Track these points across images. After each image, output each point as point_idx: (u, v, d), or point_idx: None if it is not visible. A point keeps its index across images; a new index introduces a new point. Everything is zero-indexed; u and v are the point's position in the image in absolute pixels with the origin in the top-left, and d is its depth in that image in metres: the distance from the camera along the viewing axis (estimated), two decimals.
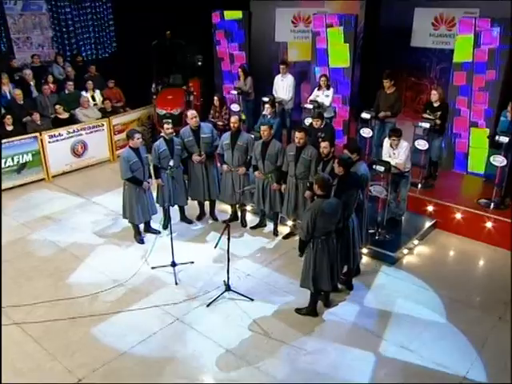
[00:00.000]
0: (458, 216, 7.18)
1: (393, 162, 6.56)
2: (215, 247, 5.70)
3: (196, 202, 7.73)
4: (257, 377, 4.79)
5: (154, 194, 7.23)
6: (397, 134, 6.61)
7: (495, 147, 6.98)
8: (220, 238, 5.67)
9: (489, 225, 6.93)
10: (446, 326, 5.49)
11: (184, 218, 7.72)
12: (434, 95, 7.57)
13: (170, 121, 7.19)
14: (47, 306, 5.81)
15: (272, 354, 5.07)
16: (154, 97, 11.14)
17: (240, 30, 11.30)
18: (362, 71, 10.45)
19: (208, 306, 5.78)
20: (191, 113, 7.16)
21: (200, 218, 7.77)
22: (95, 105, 10.47)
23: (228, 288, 5.94)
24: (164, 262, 6.51)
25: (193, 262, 6.61)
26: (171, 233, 6.30)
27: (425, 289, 6.09)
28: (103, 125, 9.88)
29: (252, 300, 5.86)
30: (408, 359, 5.00)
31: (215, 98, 8.78)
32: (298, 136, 6.52)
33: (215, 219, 7.78)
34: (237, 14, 11.14)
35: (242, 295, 5.90)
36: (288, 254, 6.85)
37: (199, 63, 10.69)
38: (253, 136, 7.35)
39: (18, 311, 5.70)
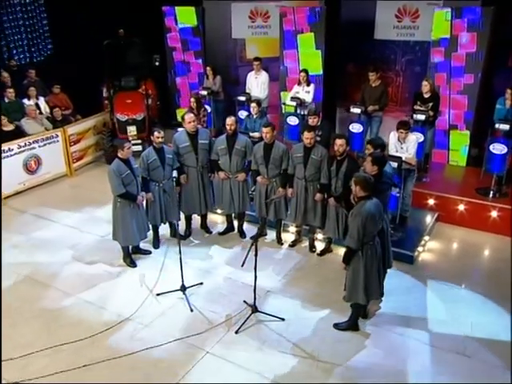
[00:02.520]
0: (461, 207, 7.08)
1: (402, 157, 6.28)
2: (242, 265, 5.07)
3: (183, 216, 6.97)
4: None
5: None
6: (406, 127, 6.32)
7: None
8: (247, 254, 5.06)
9: (494, 214, 6.88)
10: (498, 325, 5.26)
11: (176, 235, 6.93)
12: (426, 86, 7.42)
13: (160, 130, 6.33)
14: (46, 355, 4.86)
15: (330, 380, 4.55)
16: (107, 102, 10.16)
17: (195, 37, 10.71)
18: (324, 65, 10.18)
19: (237, 332, 5.13)
20: (189, 116, 6.39)
21: (187, 235, 7.02)
22: (40, 113, 9.26)
23: (255, 309, 5.33)
24: (168, 287, 5.76)
25: (202, 283, 5.91)
26: (180, 252, 5.55)
27: (457, 288, 5.86)
28: (57, 135, 8.75)
29: (283, 320, 5.30)
30: (467, 364, 4.71)
31: (191, 99, 8.03)
32: (309, 136, 6.03)
33: (209, 232, 7.09)
34: (191, 20, 10.53)
35: (272, 315, 5.32)
36: (301, 263, 6.38)
37: (156, 63, 9.84)
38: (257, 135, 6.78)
39: (9, 367, 4.68)
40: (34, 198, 8.25)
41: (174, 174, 6.49)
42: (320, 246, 6.68)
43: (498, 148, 6.87)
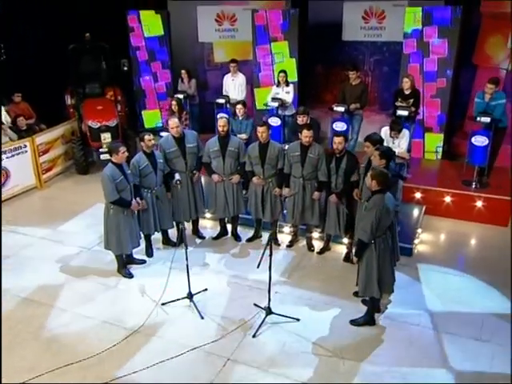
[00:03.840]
0: (448, 199, 7.27)
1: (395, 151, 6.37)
2: (258, 267, 4.91)
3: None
4: None
5: None
6: (399, 127, 6.42)
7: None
8: (262, 255, 4.91)
9: (478, 204, 7.12)
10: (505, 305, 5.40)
11: (168, 242, 6.67)
12: (406, 83, 7.56)
13: (150, 133, 6.06)
14: (53, 377, 4.49)
15: (358, 376, 4.49)
16: (72, 110, 9.70)
17: (162, 47, 10.50)
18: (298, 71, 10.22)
19: (254, 336, 4.97)
20: (173, 121, 6.14)
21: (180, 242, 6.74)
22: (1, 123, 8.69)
23: (269, 311, 5.19)
24: (171, 295, 5.52)
25: (206, 289, 5.70)
26: (187, 259, 5.31)
27: (458, 276, 5.99)
28: (26, 146, 8.21)
29: (298, 320, 5.19)
30: (486, 349, 4.79)
31: (173, 102, 7.79)
32: (308, 134, 5.98)
33: (202, 237, 6.87)
34: (157, 29, 10.31)
35: (287, 316, 5.19)
36: (303, 262, 6.31)
37: (125, 68, 9.50)
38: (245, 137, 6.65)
39: None
40: (5, 213, 7.66)
41: None
42: (318, 244, 6.64)
43: (479, 140, 7.12)
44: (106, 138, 8.57)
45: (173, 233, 6.69)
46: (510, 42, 8.74)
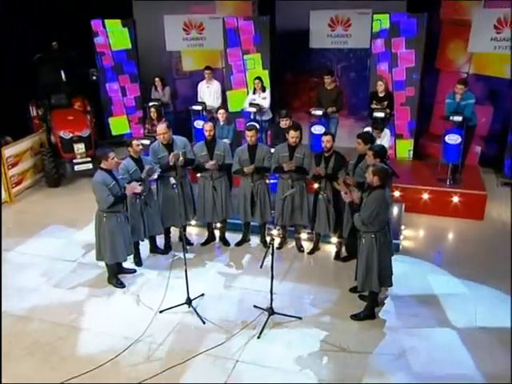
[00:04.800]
0: (425, 196, 7.53)
1: None
2: (261, 267, 4.93)
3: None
4: None
5: None
6: (381, 126, 6.62)
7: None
8: (265, 256, 4.92)
9: (455, 199, 7.42)
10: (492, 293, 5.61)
11: (156, 250, 6.54)
12: (380, 86, 7.82)
13: (138, 138, 5.97)
14: None
15: (369, 368, 4.55)
16: (37, 121, 9.39)
17: (130, 60, 10.42)
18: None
19: (259, 337, 4.94)
20: (161, 127, 6.05)
21: (168, 249, 6.65)
22: None
23: (272, 312, 5.17)
24: (168, 303, 5.42)
25: (203, 295, 5.62)
26: (185, 264, 5.22)
27: (445, 267, 6.19)
28: None
29: (300, 318, 5.21)
30: (483, 336, 4.97)
31: (152, 109, 7.69)
32: (294, 135, 6.07)
33: (190, 244, 6.77)
34: (124, 42, 10.20)
35: (289, 316, 5.20)
36: (295, 263, 6.36)
37: (93, 77, 9.29)
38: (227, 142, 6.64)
39: None
40: None
41: None
42: (307, 245, 6.69)
43: (452, 138, 7.44)
44: (80, 148, 8.33)
45: (160, 241, 6.58)
46: (469, 47, 9.25)
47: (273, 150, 6.39)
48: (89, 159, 8.37)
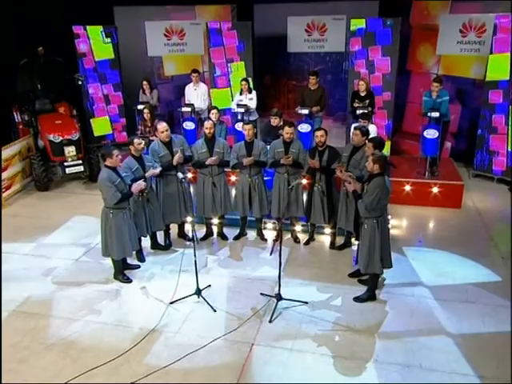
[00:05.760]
0: (407, 188, 7.99)
1: None
2: (270, 254, 5.23)
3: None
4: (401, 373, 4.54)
5: None
6: (368, 117, 7.05)
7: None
8: (274, 244, 5.20)
9: (435, 190, 7.90)
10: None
11: (157, 246, 6.70)
12: (362, 85, 8.24)
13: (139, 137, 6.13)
14: (82, 380, 4.41)
15: (376, 345, 4.86)
16: (21, 127, 9.37)
17: (113, 70, 10.61)
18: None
19: (271, 321, 5.20)
20: (162, 125, 6.25)
21: (168, 245, 6.82)
22: None
23: (280, 297, 5.43)
24: (177, 294, 5.61)
25: (210, 286, 5.83)
26: (195, 255, 5.42)
27: (432, 251, 6.63)
28: None
29: (306, 303, 5.49)
30: (475, 309, 5.39)
31: (145, 110, 7.83)
32: (289, 131, 6.38)
33: (189, 239, 6.94)
34: (107, 53, 10.34)
35: (296, 301, 5.48)
36: (293, 254, 6.64)
37: (79, 82, 9.35)
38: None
39: None
40: None
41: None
42: (302, 236, 6.99)
43: (430, 133, 7.93)
44: (70, 151, 8.39)
45: (161, 237, 6.75)
46: (437, 50, 9.84)
47: (269, 147, 6.68)
48: (80, 162, 8.44)
